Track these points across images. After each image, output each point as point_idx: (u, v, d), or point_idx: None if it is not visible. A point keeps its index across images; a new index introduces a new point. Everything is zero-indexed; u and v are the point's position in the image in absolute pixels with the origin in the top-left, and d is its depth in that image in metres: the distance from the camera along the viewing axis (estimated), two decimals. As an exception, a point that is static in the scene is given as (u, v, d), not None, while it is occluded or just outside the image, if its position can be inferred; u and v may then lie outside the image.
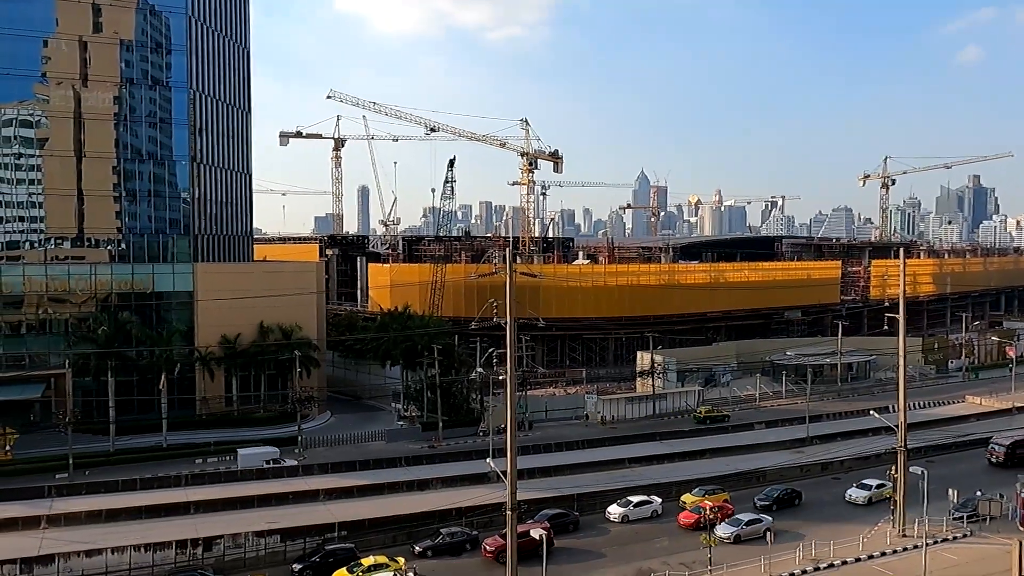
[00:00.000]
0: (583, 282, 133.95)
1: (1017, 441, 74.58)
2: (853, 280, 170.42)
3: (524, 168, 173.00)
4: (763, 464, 72.15)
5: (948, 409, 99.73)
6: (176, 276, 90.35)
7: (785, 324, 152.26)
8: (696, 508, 58.46)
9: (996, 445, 75.16)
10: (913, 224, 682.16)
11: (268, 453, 73.80)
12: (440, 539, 55.37)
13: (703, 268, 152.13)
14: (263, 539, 54.28)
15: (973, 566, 49.78)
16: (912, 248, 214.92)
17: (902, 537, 55.37)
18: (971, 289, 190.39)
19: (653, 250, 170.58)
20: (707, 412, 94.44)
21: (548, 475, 69.56)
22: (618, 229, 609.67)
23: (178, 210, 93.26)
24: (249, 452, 73.52)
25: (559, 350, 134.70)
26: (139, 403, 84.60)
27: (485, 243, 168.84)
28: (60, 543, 52.50)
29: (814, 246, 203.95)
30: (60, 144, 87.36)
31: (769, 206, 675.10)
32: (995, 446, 75.14)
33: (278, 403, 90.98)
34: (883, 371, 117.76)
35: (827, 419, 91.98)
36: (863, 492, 64.45)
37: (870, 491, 64.14)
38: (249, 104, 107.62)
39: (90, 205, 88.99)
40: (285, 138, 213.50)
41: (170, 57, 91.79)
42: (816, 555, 52.11)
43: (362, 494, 64.93)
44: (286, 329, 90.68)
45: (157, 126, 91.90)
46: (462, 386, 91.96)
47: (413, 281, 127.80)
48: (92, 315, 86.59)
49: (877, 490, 63.84)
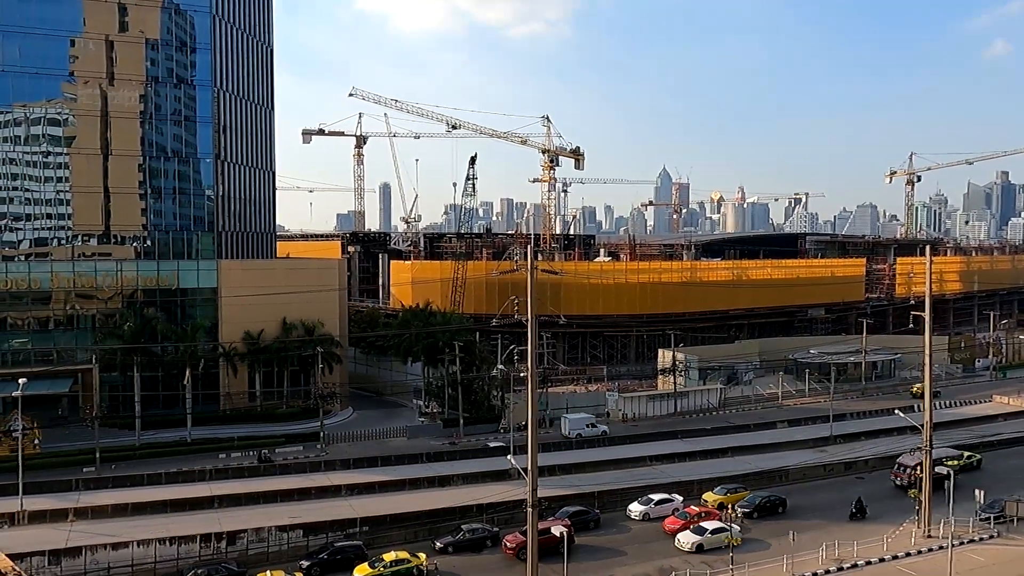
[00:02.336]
0: (604, 279, 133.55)
1: None
2: (878, 278, 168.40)
3: (545, 165, 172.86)
4: (785, 463, 71.66)
5: (975, 409, 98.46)
6: (200, 273, 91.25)
7: (809, 322, 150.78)
8: (683, 514, 58.27)
9: (901, 466, 67.18)
10: (939, 221, 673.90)
11: (588, 419, 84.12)
12: (461, 535, 55.55)
13: (726, 265, 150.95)
14: (286, 534, 54.81)
15: (1000, 567, 49.18)
16: (938, 245, 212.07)
17: (927, 538, 54.80)
18: (999, 287, 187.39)
19: (675, 247, 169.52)
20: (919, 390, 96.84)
21: (569, 472, 69.61)
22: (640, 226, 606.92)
23: (203, 207, 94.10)
24: (575, 417, 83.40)
25: (580, 347, 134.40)
26: (164, 398, 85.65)
27: (506, 240, 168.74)
28: (87, 536, 53.32)
29: (838, 243, 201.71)
30: (87, 142, 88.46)
31: (793, 203, 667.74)
32: (901, 467, 67.18)
33: (301, 399, 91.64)
34: (908, 370, 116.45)
35: (851, 418, 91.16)
36: (695, 537, 54.28)
37: (702, 536, 54.34)
38: (272, 102, 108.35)
39: (116, 202, 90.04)
40: (308, 135, 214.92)
41: (195, 56, 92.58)
42: (840, 555, 51.67)
43: (383, 490, 65.34)
44: (308, 325, 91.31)
45: (182, 124, 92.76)
46: (483, 383, 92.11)
47: (435, 278, 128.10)
48: (118, 311, 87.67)
49: (712, 536, 54.17)
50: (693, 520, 57.35)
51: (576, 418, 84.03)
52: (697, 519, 57.49)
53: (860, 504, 59.94)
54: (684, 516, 58.08)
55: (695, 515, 58.03)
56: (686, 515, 58.17)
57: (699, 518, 57.61)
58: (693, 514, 58.24)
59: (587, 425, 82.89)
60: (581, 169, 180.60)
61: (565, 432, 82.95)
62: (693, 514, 58.24)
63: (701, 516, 57.97)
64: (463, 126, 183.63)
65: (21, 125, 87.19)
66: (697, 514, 58.23)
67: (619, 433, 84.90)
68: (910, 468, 64.99)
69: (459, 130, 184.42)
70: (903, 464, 66.77)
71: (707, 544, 53.67)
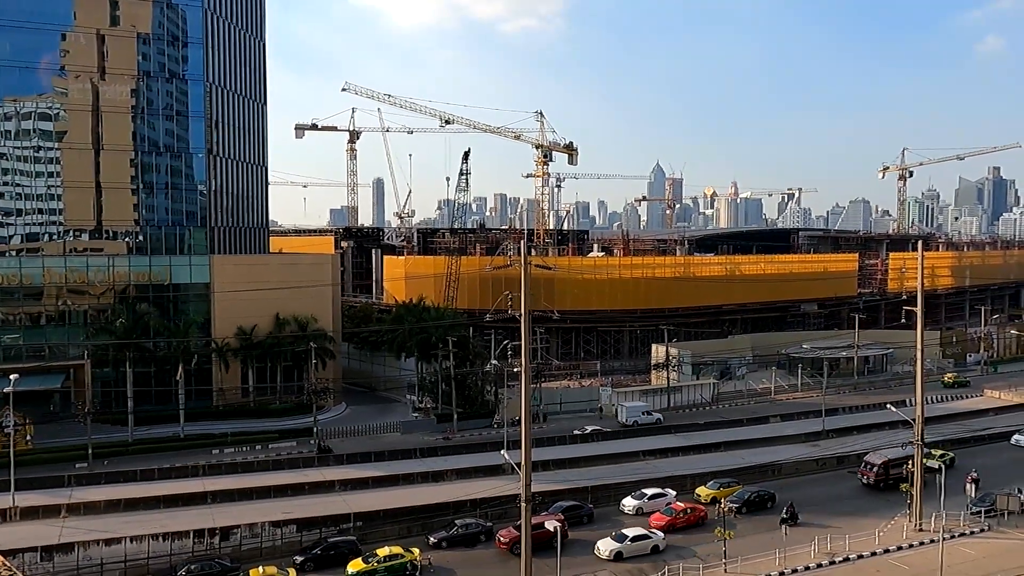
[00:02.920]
0: (598, 274, 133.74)
1: (892, 460, 65.75)
2: (870, 273, 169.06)
3: (539, 160, 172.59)
4: (777, 457, 71.91)
5: (966, 403, 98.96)
6: (193, 268, 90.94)
7: (801, 317, 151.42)
8: (668, 510, 57.91)
9: (868, 464, 66.16)
10: (932, 216, 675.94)
11: (643, 407, 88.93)
12: (455, 530, 55.61)
13: (719, 260, 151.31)
14: (279, 529, 54.75)
15: (991, 560, 49.44)
16: (930, 240, 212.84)
17: (918, 531, 55.08)
18: (990, 282, 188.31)
19: (668, 242, 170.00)
20: (953, 378, 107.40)
21: (562, 467, 69.71)
22: (633, 221, 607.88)
23: (195, 202, 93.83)
24: (631, 405, 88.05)
25: (574, 342, 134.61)
26: (157, 394, 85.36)
27: (500, 235, 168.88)
28: (80, 532, 53.18)
29: (831, 238, 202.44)
30: (78, 137, 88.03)
31: (786, 198, 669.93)
32: (868, 465, 66.15)
33: (294, 394, 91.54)
34: (900, 364, 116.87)
35: (843, 412, 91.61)
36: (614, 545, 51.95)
37: (621, 544, 52.07)
38: (265, 97, 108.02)
39: (108, 197, 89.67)
40: (300, 130, 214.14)
41: (186, 50, 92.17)
42: (832, 548, 51.91)
43: (377, 485, 65.30)
44: (302, 321, 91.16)
45: (174, 119, 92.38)
46: (477, 378, 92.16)
47: (428, 273, 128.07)
48: (110, 306, 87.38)
49: (632, 543, 52.13)
50: (678, 516, 56.92)
51: (632, 406, 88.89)
52: (683, 515, 57.23)
53: (792, 510, 57.14)
54: (669, 512, 57.68)
55: (680, 511, 57.71)
56: (671, 511, 57.78)
57: (684, 514, 57.34)
58: (679, 510, 57.91)
59: (642, 413, 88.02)
60: (574, 164, 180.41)
61: (622, 419, 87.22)
62: (679, 510, 57.91)
63: (687, 512, 57.71)
64: (457, 121, 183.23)
65: (12, 120, 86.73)
66: (683, 509, 57.92)
67: (612, 428, 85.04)
68: (877, 466, 64.65)
69: (453, 125, 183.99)
70: (870, 463, 65.91)
71: (627, 552, 51.61)
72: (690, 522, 57.23)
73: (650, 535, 52.91)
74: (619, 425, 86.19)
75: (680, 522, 56.85)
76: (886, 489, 63.53)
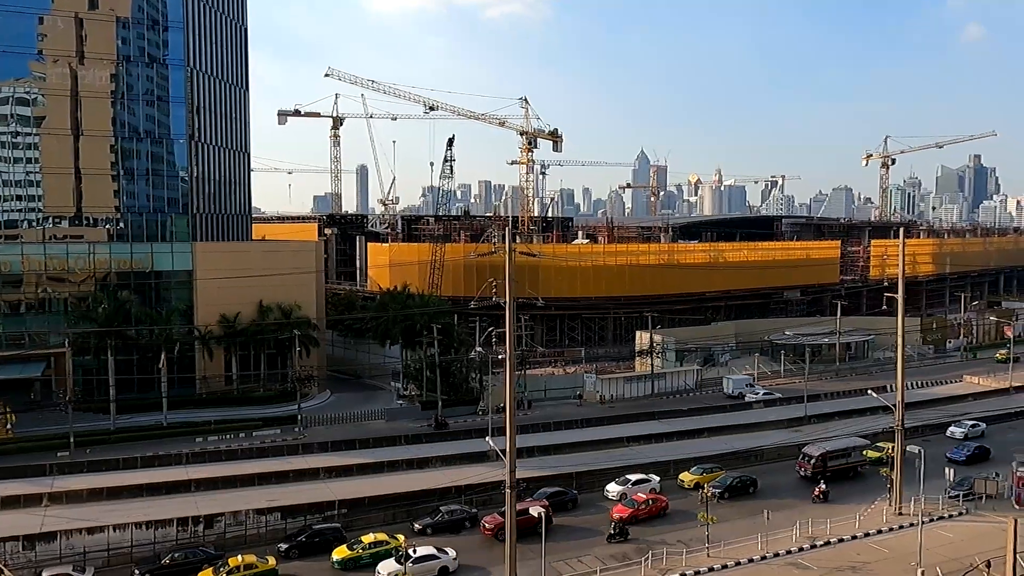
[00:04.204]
0: (582, 262, 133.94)
1: (830, 452, 65.45)
2: (852, 260, 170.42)
3: (523, 147, 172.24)
4: (760, 443, 72.53)
5: (946, 389, 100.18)
6: (175, 255, 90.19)
7: (784, 304, 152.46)
8: (630, 502, 57.15)
9: (806, 456, 65.40)
10: (913, 204, 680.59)
11: (747, 380, 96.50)
12: (439, 516, 55.79)
13: (702, 248, 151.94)
14: (264, 516, 54.70)
15: (968, 544, 50.15)
16: (912, 228, 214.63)
17: (898, 515, 55.83)
18: (970, 269, 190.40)
19: (653, 230, 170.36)
20: (1004, 356, 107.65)
21: (547, 454, 70.02)
22: (618, 208, 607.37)
23: (176, 189, 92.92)
24: (736, 378, 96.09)
25: (558, 329, 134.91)
26: (139, 382, 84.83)
27: (484, 222, 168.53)
28: (62, 520, 52.88)
29: (814, 226, 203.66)
30: (57, 122, 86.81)
31: (769, 186, 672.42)
32: (806, 457, 65.36)
33: (278, 382, 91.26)
34: (881, 351, 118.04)
35: (825, 398, 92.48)
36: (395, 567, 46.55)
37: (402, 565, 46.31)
38: (247, 82, 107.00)
39: (88, 184, 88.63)
40: (283, 116, 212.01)
41: (167, 34, 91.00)
42: (813, 532, 52.50)
43: (362, 472, 65.32)
44: (285, 308, 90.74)
45: (154, 104, 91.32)
46: (461, 365, 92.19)
47: (412, 260, 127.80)
48: (91, 294, 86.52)
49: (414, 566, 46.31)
50: (640, 508, 56.23)
51: (737, 378, 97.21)
52: (645, 506, 56.40)
53: (621, 528, 53.62)
54: (631, 504, 56.76)
55: (642, 502, 56.87)
56: (633, 503, 56.86)
57: (646, 505, 56.51)
58: (640, 501, 56.99)
59: (746, 385, 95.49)
60: (559, 151, 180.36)
61: (728, 391, 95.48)
62: (640, 501, 56.99)
63: (649, 503, 56.77)
64: (441, 107, 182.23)
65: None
66: (644, 500, 56.95)
67: (596, 415, 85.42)
68: (815, 458, 64.10)
69: (437, 112, 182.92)
70: (808, 454, 65.20)
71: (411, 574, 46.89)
72: (652, 513, 56.65)
73: (439, 555, 48.55)
74: (725, 397, 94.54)
75: (642, 513, 56.22)
76: (825, 482, 62.61)
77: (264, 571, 47.51)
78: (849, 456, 65.98)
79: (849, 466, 65.66)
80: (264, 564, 47.84)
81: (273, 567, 48.06)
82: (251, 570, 46.98)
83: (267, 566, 47.80)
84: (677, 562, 48.27)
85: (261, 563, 47.87)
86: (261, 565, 47.66)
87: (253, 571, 47.04)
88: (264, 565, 47.78)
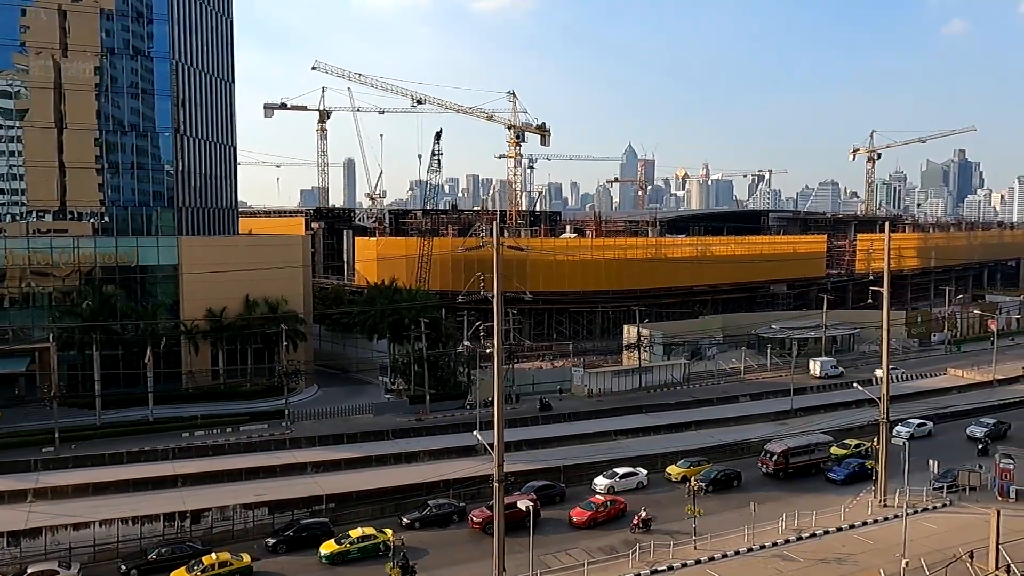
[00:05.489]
0: (570, 256, 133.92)
1: (792, 449, 65.40)
2: (838, 254, 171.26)
3: (511, 141, 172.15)
4: (747, 436, 72.87)
5: (930, 382, 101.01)
6: (160, 249, 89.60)
7: (771, 297, 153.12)
8: (588, 504, 55.57)
9: (768, 453, 65.43)
10: (899, 198, 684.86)
11: (832, 362, 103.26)
12: (428, 511, 55.78)
13: (690, 242, 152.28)
14: (251, 511, 54.52)
15: (952, 535, 50.64)
16: (897, 222, 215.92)
17: (883, 507, 56.29)
18: (955, 263, 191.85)
19: (640, 224, 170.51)
20: None
21: (535, 447, 70.10)
22: (605, 202, 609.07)
23: (162, 182, 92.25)
24: (823, 360, 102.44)
25: (546, 323, 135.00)
26: (125, 377, 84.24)
27: (472, 216, 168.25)
28: (47, 516, 52.54)
29: (800, 220, 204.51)
30: (40, 115, 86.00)
31: (756, 180, 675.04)
32: (768, 453, 65.39)
33: (265, 377, 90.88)
34: (867, 344, 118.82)
35: (811, 391, 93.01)
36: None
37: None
38: (233, 75, 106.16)
39: (72, 177, 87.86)
40: (270, 110, 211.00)
41: (151, 27, 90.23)
42: (799, 525, 52.86)
43: (350, 467, 65.26)
44: (272, 303, 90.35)
45: (139, 97, 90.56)
46: (449, 359, 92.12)
47: (400, 254, 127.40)
48: (76, 288, 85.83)
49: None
50: (599, 511, 54.99)
51: (824, 360, 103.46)
52: (603, 509, 55.12)
53: None
54: (590, 507, 55.22)
55: (600, 504, 55.63)
56: (591, 505, 55.34)
57: (605, 508, 55.21)
58: (599, 503, 55.78)
59: (832, 367, 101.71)
60: (547, 145, 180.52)
61: (815, 372, 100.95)
62: (599, 503, 55.78)
63: (608, 505, 55.61)
64: (428, 101, 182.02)
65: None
66: (603, 503, 55.71)
67: (584, 408, 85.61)
68: (777, 455, 64.22)
69: (424, 105, 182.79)
70: (770, 451, 65.16)
71: None
72: (610, 516, 55.25)
73: None
74: (812, 377, 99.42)
75: (601, 516, 54.95)
76: (786, 479, 63.43)
77: (239, 568, 47.04)
78: (812, 453, 65.91)
79: (812, 463, 65.53)
80: (239, 561, 47.42)
81: (248, 564, 47.62)
82: (226, 568, 46.54)
83: (242, 563, 47.38)
84: (664, 555, 48.48)
85: (236, 560, 47.40)
86: (236, 562, 47.22)
87: (228, 569, 46.59)
88: (239, 562, 47.34)
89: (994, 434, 74.23)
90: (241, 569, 47.19)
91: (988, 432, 73.65)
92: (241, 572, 47.18)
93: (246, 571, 47.43)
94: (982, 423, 75.87)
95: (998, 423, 76.24)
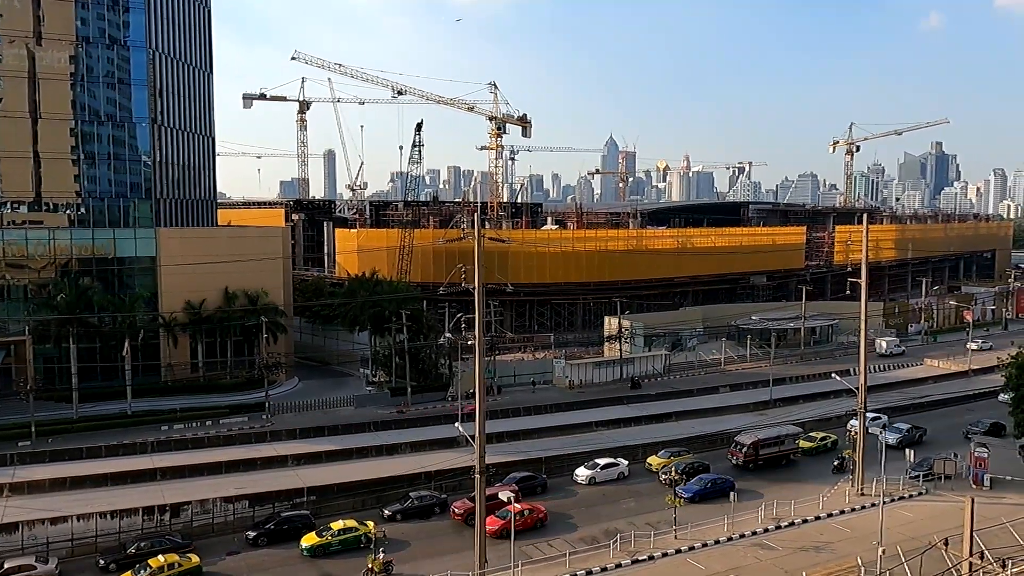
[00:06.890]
0: (552, 247, 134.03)
1: (762, 440, 65.62)
2: (817, 245, 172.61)
3: (493, 133, 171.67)
4: (727, 427, 73.46)
5: (907, 372, 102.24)
6: (138, 241, 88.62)
7: (751, 289, 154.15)
8: (504, 513, 49.95)
9: (738, 444, 65.51)
10: (877, 190, 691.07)
11: (895, 340, 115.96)
12: (409, 503, 55.83)
13: (671, 234, 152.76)
14: (231, 504, 54.30)
15: (928, 522, 51.38)
16: (875, 214, 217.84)
17: (860, 496, 56.98)
18: (932, 254, 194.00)
19: (621, 215, 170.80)
20: None
21: (516, 439, 70.34)
22: (587, 194, 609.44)
23: (139, 173, 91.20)
24: (888, 339, 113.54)
25: (527, 315, 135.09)
26: (103, 370, 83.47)
27: (453, 208, 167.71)
28: (24, 511, 52.13)
29: (780, 212, 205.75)
30: (14, 105, 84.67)
31: (736, 172, 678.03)
32: (737, 445, 65.44)
33: (245, 369, 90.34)
34: (845, 335, 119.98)
35: (790, 382, 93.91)
36: None
37: None
38: (211, 65, 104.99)
39: (47, 168, 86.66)
40: (249, 100, 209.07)
41: (128, 15, 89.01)
42: (777, 514, 53.38)
43: (331, 459, 65.12)
44: (252, 295, 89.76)
45: (116, 87, 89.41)
46: (431, 351, 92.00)
47: (381, 246, 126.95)
48: (52, 281, 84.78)
49: None
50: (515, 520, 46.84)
51: (889, 339, 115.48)
52: (520, 518, 48.73)
53: None
54: (504, 515, 49.81)
55: (517, 513, 47.45)
56: (506, 513, 48.61)
57: (521, 516, 49.50)
58: (515, 512, 46.83)
59: (896, 345, 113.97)
60: (528, 137, 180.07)
61: (881, 351, 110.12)
62: (515, 512, 46.83)
63: (525, 514, 51.07)
64: (409, 92, 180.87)
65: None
66: (520, 511, 48.73)
67: (566, 399, 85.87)
68: (747, 447, 64.42)
69: (405, 96, 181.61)
70: (739, 443, 65.35)
71: None
72: (527, 525, 51.44)
73: None
74: (877, 356, 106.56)
75: (517, 526, 47.34)
76: (756, 470, 63.78)
77: (187, 569, 46.47)
78: (782, 444, 66.54)
79: (782, 454, 66.15)
80: (188, 562, 46.82)
81: (197, 564, 47.02)
82: (174, 569, 45.99)
83: (190, 563, 46.79)
84: (645, 544, 48.79)
85: (184, 561, 46.79)
86: (184, 563, 46.61)
87: (177, 571, 46.04)
88: (187, 563, 46.74)
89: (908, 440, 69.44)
90: (190, 570, 46.48)
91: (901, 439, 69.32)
92: (191, 573, 46.52)
93: (195, 571, 46.79)
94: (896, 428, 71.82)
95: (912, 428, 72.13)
